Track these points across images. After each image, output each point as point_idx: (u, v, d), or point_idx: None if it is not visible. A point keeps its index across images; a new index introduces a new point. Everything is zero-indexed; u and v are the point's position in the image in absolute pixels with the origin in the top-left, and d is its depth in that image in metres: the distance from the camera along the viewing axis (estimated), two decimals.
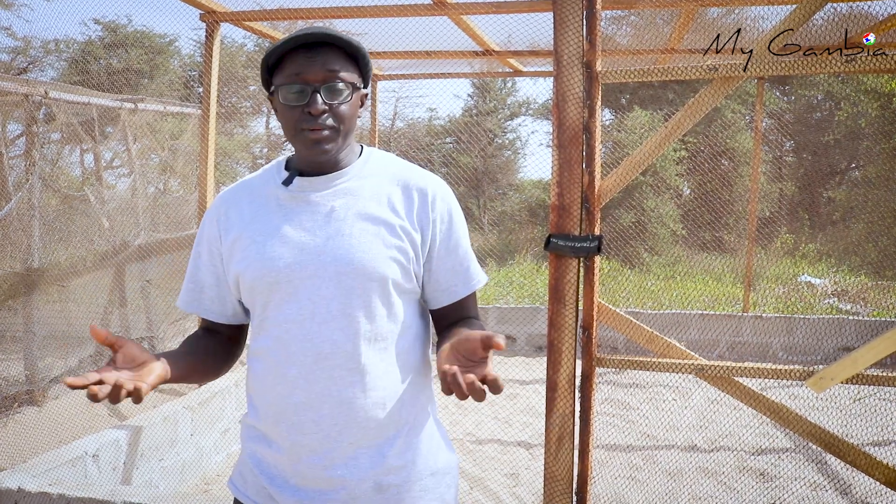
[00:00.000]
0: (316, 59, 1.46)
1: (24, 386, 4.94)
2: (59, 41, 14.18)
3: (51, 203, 5.55)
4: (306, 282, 1.49)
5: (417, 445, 1.57)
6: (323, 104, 1.45)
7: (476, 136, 15.87)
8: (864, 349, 2.41)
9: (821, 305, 9.12)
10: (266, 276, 1.50)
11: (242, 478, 1.61)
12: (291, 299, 1.49)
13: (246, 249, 1.53)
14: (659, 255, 12.23)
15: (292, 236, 1.51)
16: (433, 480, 1.58)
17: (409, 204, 1.55)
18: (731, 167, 12.94)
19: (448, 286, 1.60)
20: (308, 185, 1.54)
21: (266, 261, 1.50)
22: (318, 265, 1.49)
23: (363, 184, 1.55)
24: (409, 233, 1.53)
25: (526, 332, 7.87)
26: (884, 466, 2.48)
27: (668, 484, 4.28)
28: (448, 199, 1.60)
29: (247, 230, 1.54)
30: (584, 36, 2.53)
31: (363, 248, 1.49)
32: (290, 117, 1.48)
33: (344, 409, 1.48)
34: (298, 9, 4.67)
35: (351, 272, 1.48)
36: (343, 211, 1.52)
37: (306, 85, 1.45)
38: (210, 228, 1.60)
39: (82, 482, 3.41)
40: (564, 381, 2.60)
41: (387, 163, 1.61)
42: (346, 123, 1.50)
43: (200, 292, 1.62)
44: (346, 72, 1.49)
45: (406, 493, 1.54)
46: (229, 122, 13.39)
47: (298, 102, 1.46)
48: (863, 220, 11.66)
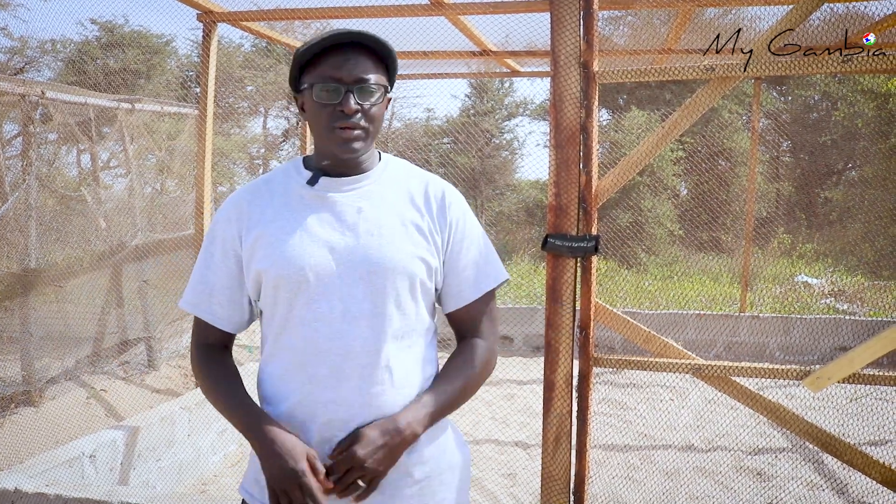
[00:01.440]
0: (350, 60, 1.48)
1: (20, 386, 4.93)
2: (56, 41, 14.17)
3: (48, 203, 5.54)
4: (336, 280, 1.50)
5: (438, 440, 1.60)
6: (356, 104, 1.48)
7: (473, 137, 15.88)
8: (860, 348, 2.41)
9: (818, 305, 9.13)
10: (294, 275, 1.50)
11: (259, 485, 1.57)
12: (321, 298, 1.50)
13: (269, 247, 1.53)
14: (656, 256, 12.24)
15: (320, 235, 1.52)
16: (451, 475, 1.62)
17: (429, 207, 1.59)
18: (729, 167, 12.96)
19: (458, 290, 1.62)
20: (333, 185, 1.56)
21: (293, 259, 1.51)
22: (349, 264, 1.50)
23: (387, 186, 1.58)
24: (434, 234, 1.57)
25: (523, 332, 7.88)
26: (880, 465, 2.49)
27: (665, 484, 4.29)
28: (462, 205, 1.64)
29: (269, 228, 1.55)
30: (580, 36, 2.53)
31: (393, 248, 1.51)
32: (322, 115, 1.50)
33: (374, 407, 1.50)
34: (296, 9, 4.67)
35: (381, 271, 1.50)
36: (370, 211, 1.54)
37: (340, 84, 1.48)
38: (226, 228, 1.59)
39: (79, 483, 3.41)
40: (562, 380, 2.61)
41: (404, 168, 1.65)
42: (375, 124, 1.53)
43: (210, 295, 1.60)
44: (377, 74, 1.52)
45: (427, 486, 1.57)
46: (226, 123, 13.38)
47: (331, 101, 1.48)
48: (859, 220, 11.68)
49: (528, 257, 12.65)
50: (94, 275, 5.83)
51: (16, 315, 5.08)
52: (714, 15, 5.60)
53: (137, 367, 6.07)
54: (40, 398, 5.03)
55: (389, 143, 15.67)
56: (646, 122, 12.96)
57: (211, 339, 1.64)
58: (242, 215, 1.58)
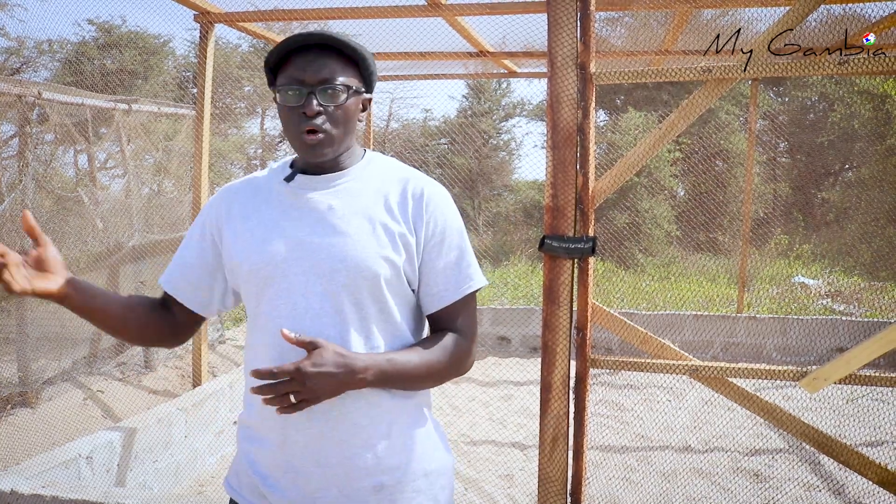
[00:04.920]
0: (313, 62, 1.48)
1: (17, 388, 4.92)
2: (53, 42, 14.13)
3: (44, 204, 5.53)
4: (300, 277, 1.50)
5: (412, 446, 1.57)
6: (318, 106, 1.47)
7: (471, 138, 15.87)
8: (857, 349, 2.41)
9: (815, 306, 9.15)
10: (262, 270, 1.52)
11: (237, 477, 1.62)
12: (285, 295, 1.51)
13: (245, 242, 1.55)
14: (653, 256, 12.25)
15: (290, 231, 1.53)
16: (426, 481, 1.58)
17: (405, 206, 1.56)
18: (726, 168, 12.97)
19: (437, 291, 1.59)
20: (309, 183, 1.56)
21: (263, 254, 1.52)
22: (313, 261, 1.50)
23: (363, 185, 1.57)
24: (405, 235, 1.54)
25: (520, 333, 7.88)
26: (877, 466, 2.49)
27: (662, 485, 4.29)
28: (443, 203, 1.60)
29: (247, 223, 1.57)
30: (577, 37, 2.53)
31: (357, 247, 1.50)
32: (287, 118, 1.51)
33: (336, 406, 1.48)
34: (293, 10, 4.67)
35: (343, 269, 1.49)
36: (341, 210, 1.54)
37: (302, 86, 1.48)
38: (211, 212, 1.63)
39: (76, 484, 3.40)
40: (559, 382, 2.61)
41: (388, 166, 1.63)
42: (341, 126, 1.51)
43: (181, 271, 1.64)
44: (344, 75, 1.50)
45: (399, 493, 1.54)
46: (223, 123, 13.37)
47: (295, 104, 1.48)
48: (856, 221, 11.70)
49: (526, 258, 12.65)
50: (91, 276, 5.82)
51: (12, 316, 5.08)
52: (711, 16, 5.60)
53: (134, 368, 6.06)
54: (37, 399, 5.03)
55: (387, 143, 15.68)
56: (643, 123, 12.97)
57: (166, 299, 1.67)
58: (223, 207, 1.62)
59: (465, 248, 1.62)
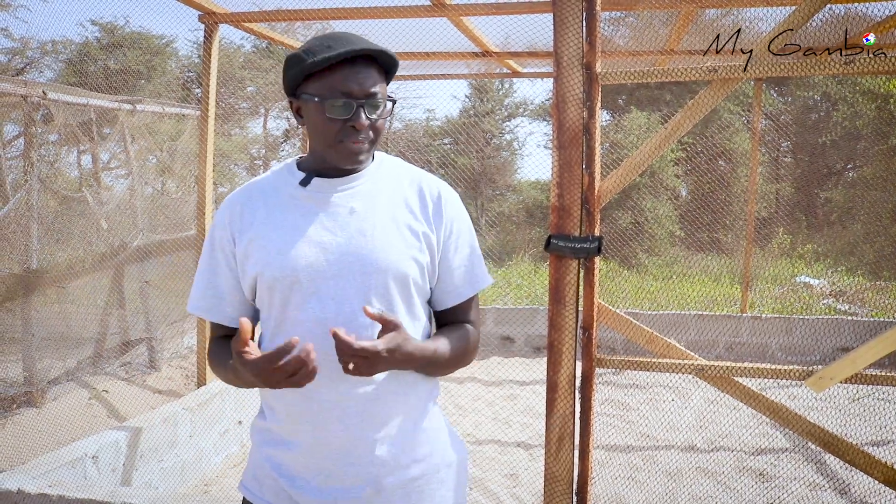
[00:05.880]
0: (360, 73, 1.48)
1: (22, 387, 4.93)
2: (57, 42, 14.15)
3: (49, 204, 5.54)
4: (329, 281, 1.51)
5: (434, 439, 1.62)
6: (366, 120, 1.49)
7: (473, 138, 15.88)
8: (863, 349, 2.41)
9: (818, 306, 9.14)
10: (287, 275, 1.51)
11: (257, 481, 1.62)
12: (313, 298, 1.51)
13: (263, 249, 1.54)
14: (656, 256, 12.24)
15: (313, 235, 1.53)
16: (448, 472, 1.64)
17: (424, 206, 1.60)
18: (729, 168, 12.96)
19: (454, 287, 1.64)
20: (326, 185, 1.56)
21: (286, 260, 1.51)
22: (342, 264, 1.51)
23: (380, 186, 1.59)
24: (427, 234, 1.58)
25: (524, 332, 7.88)
26: (883, 465, 2.49)
27: (667, 484, 4.29)
28: (457, 203, 1.65)
29: (262, 230, 1.56)
30: (583, 37, 2.53)
31: (386, 248, 1.52)
32: (330, 129, 1.49)
33: (368, 406, 1.51)
34: (298, 10, 4.67)
35: (374, 271, 1.51)
36: (364, 212, 1.55)
37: (351, 99, 1.48)
38: (221, 232, 1.60)
39: (82, 483, 3.41)
40: (565, 381, 2.61)
41: (398, 166, 1.66)
42: (380, 136, 1.55)
43: (221, 300, 1.62)
44: (382, 85, 1.53)
45: (426, 485, 1.58)
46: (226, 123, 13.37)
47: (342, 116, 1.48)
48: (860, 220, 11.68)
49: (529, 258, 12.65)
50: (96, 275, 5.84)
51: (17, 316, 5.09)
52: (715, 16, 5.60)
53: (139, 367, 6.07)
54: (42, 399, 5.04)
55: (390, 143, 15.68)
56: (646, 122, 12.97)
57: (228, 334, 1.67)
58: (235, 218, 1.59)
59: (475, 245, 1.69)
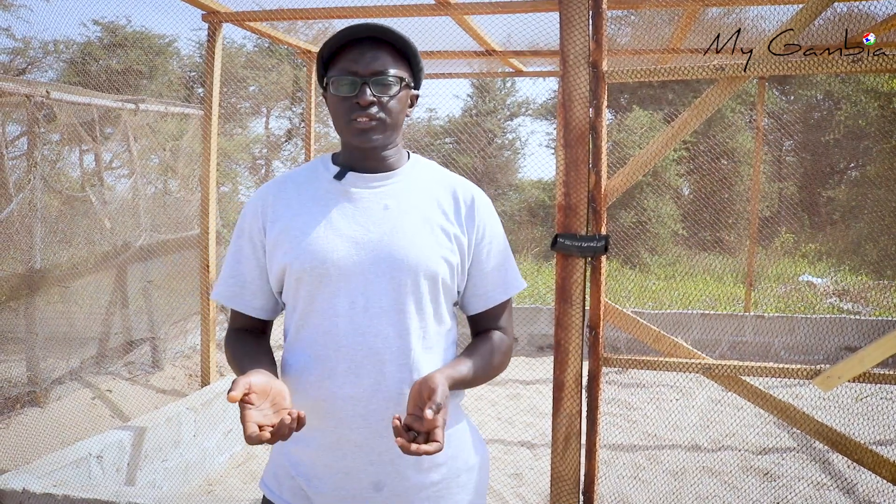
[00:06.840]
0: (366, 54, 1.50)
1: (26, 387, 4.93)
2: (59, 42, 14.16)
3: (52, 204, 5.54)
4: (359, 276, 1.51)
5: (457, 443, 1.61)
6: (371, 96, 1.49)
7: (475, 137, 15.87)
8: (870, 348, 2.41)
9: (822, 305, 9.12)
10: (317, 268, 1.51)
11: (277, 480, 1.61)
12: (342, 292, 1.51)
13: (294, 240, 1.54)
14: (660, 255, 12.23)
15: (345, 230, 1.53)
16: (469, 476, 1.62)
17: (457, 209, 1.60)
18: (732, 167, 12.94)
19: (485, 291, 1.64)
20: (360, 181, 1.57)
21: (316, 252, 1.51)
22: (373, 260, 1.51)
23: (414, 186, 1.59)
24: (459, 236, 1.58)
25: (527, 332, 7.87)
26: (890, 464, 2.48)
27: (672, 484, 4.28)
28: (490, 209, 1.66)
29: (295, 221, 1.56)
30: (590, 36, 2.53)
31: (418, 247, 1.52)
32: (340, 108, 1.52)
33: (392, 405, 1.49)
34: (301, 9, 4.67)
35: (405, 269, 1.51)
36: (397, 209, 1.55)
37: (356, 77, 1.50)
38: (252, 220, 1.61)
39: (86, 483, 3.41)
40: (571, 380, 2.60)
41: (433, 169, 1.67)
42: (392, 116, 1.53)
43: (243, 287, 1.62)
44: (395, 68, 1.52)
45: (446, 489, 1.57)
46: (228, 123, 13.38)
47: (348, 94, 1.50)
48: (863, 219, 11.66)
49: (532, 257, 12.64)
50: (99, 275, 5.83)
51: (21, 315, 5.08)
52: (718, 14, 5.59)
53: (142, 367, 6.07)
54: (46, 399, 5.03)
55: None
56: (648, 121, 12.96)
57: (246, 326, 1.66)
58: (267, 208, 1.59)
59: (508, 251, 1.69)
